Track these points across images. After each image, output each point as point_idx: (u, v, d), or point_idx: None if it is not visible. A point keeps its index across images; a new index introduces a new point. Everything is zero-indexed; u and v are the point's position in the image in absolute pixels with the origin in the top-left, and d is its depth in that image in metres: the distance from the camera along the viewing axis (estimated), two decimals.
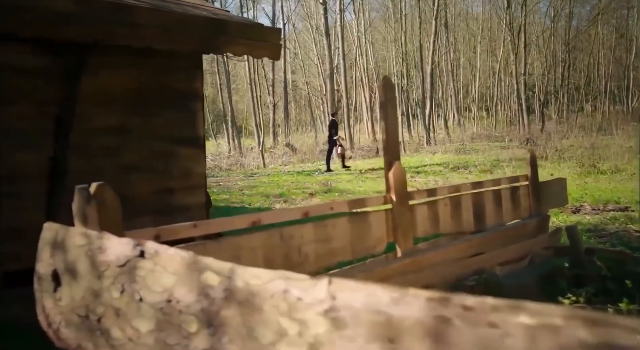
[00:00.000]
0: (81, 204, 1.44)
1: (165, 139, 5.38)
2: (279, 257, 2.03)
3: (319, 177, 14.26)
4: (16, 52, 4.46)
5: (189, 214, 5.61)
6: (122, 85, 5.07)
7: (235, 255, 1.89)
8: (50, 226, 1.40)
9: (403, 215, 2.56)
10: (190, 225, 1.73)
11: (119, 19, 4.34)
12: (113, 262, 1.11)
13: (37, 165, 4.60)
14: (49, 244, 1.36)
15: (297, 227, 2.17)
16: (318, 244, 2.20)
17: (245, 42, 5.13)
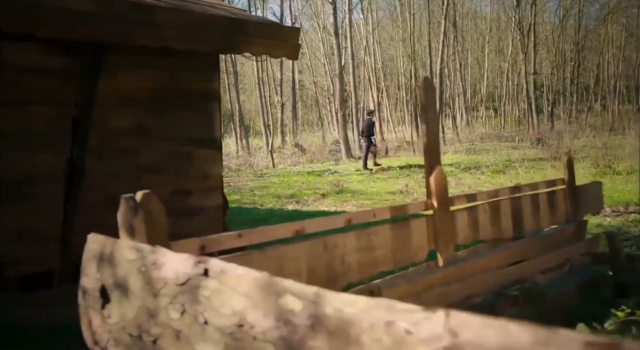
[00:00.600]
0: (128, 215, 1.37)
1: (183, 140, 5.32)
2: (322, 267, 1.96)
3: (330, 177, 14.17)
4: (33, 52, 4.40)
5: (207, 216, 5.55)
6: (139, 85, 5.01)
7: (279, 266, 1.81)
8: (95, 238, 1.32)
9: (444, 222, 2.47)
10: (235, 235, 1.65)
11: (138, 18, 4.27)
12: (171, 279, 1.03)
13: (55, 167, 4.54)
14: (95, 257, 1.29)
15: (340, 235, 2.08)
16: (361, 253, 2.12)
17: (264, 42, 5.06)
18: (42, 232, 4.46)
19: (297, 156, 20.97)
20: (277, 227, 1.85)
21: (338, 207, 9.65)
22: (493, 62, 40.82)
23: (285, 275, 1.94)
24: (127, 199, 1.38)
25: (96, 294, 1.24)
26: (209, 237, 1.57)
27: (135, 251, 1.16)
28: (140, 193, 1.40)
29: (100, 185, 4.78)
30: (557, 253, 2.91)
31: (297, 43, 5.33)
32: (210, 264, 0.96)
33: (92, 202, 4.70)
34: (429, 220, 2.46)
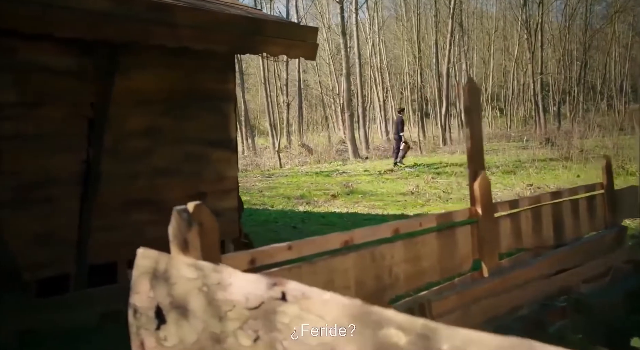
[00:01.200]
0: (181, 228, 1.27)
1: (198, 141, 5.23)
2: (370, 279, 1.87)
3: (338, 178, 14.08)
4: (49, 52, 4.32)
5: (222, 218, 5.45)
6: (154, 86, 4.93)
7: (329, 279, 1.72)
8: (146, 253, 1.23)
9: (489, 230, 2.38)
10: (284, 247, 1.57)
11: (157, 18, 4.19)
12: (240, 302, 0.94)
13: (70, 169, 4.47)
14: (147, 274, 1.20)
15: (388, 246, 2.00)
16: (408, 264, 2.03)
17: (282, 42, 4.97)
18: (58, 235, 4.39)
19: (304, 156, 20.89)
20: (326, 238, 1.77)
21: (349, 209, 9.56)
22: (498, 61, 40.65)
23: (334, 288, 1.86)
24: (180, 211, 1.29)
25: (150, 314, 1.15)
26: (259, 250, 1.48)
27: (194, 269, 1.07)
28: (191, 204, 1.31)
29: (116, 187, 4.70)
30: (600, 261, 2.81)
31: (315, 43, 5.24)
32: (288, 287, 0.87)
33: (107, 204, 4.62)
34: (473, 228, 2.37)
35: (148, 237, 4.98)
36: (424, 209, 9.01)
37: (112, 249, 4.69)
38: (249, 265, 1.46)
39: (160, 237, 5.16)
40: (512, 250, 2.61)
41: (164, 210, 5.08)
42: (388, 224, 2.07)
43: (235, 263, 1.38)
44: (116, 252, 4.72)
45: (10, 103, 4.14)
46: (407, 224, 2.14)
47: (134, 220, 4.85)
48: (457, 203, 9.44)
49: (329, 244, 1.75)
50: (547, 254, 2.61)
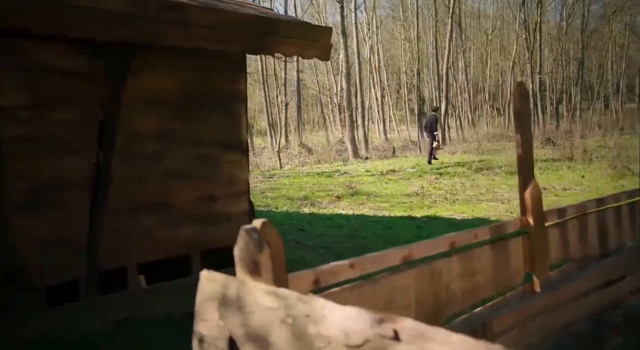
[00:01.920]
0: (250, 249, 1.17)
1: (209, 143, 5.12)
2: (429, 297, 1.76)
3: (340, 178, 13.98)
4: (59, 53, 4.20)
5: (233, 222, 5.34)
6: (165, 87, 4.81)
7: (389, 298, 1.62)
8: (212, 277, 1.13)
9: (540, 241, 2.28)
10: (347, 265, 1.47)
11: (171, 18, 4.07)
12: (337, 338, 0.83)
13: (81, 173, 4.35)
14: (214, 300, 1.09)
15: (445, 261, 1.89)
16: (464, 279, 1.93)
17: (296, 42, 4.86)
18: (68, 240, 4.28)
19: (304, 156, 20.78)
20: (385, 254, 1.67)
21: (355, 210, 9.46)
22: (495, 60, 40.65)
23: (395, 308, 1.77)
24: (249, 231, 1.18)
25: (220, 345, 1.05)
26: (322, 269, 1.37)
27: (274, 297, 0.96)
28: (259, 222, 1.20)
29: (126, 190, 4.59)
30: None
31: (329, 43, 5.14)
32: (403, 325, 0.77)
33: (118, 207, 4.51)
34: (525, 239, 2.26)
35: (159, 242, 4.90)
36: (432, 211, 8.92)
37: (122, 254, 4.58)
38: (314, 285, 1.36)
39: (171, 240, 5.09)
40: (560, 261, 2.51)
41: (176, 213, 4.99)
42: (444, 237, 1.97)
43: (300, 284, 1.28)
44: (126, 257, 4.61)
45: (20, 105, 4.02)
46: (463, 237, 2.03)
47: (145, 224, 4.74)
48: (464, 205, 9.35)
49: (388, 260, 1.65)
50: (596, 265, 2.51)
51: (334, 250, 6.58)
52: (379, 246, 6.83)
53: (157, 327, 4.35)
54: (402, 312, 1.60)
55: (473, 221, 7.93)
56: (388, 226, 7.72)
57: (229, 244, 5.09)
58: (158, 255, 4.85)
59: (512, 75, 35.14)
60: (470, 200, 9.77)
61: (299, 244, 6.86)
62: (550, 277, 2.31)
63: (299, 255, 6.41)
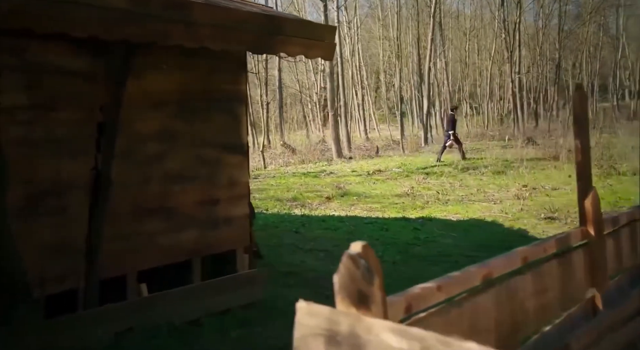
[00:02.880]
0: (356, 278, 1.04)
1: (211, 145, 4.98)
2: (507, 318, 1.66)
3: (327, 179, 13.86)
4: (59, 53, 4.02)
5: (234, 226, 5.21)
6: (166, 87, 4.66)
7: (473, 321, 1.51)
8: (313, 309, 1.01)
9: (601, 252, 2.19)
10: (434, 289, 1.36)
11: (174, 17, 3.92)
12: None
13: (79, 176, 4.17)
14: (319, 337, 0.98)
15: (519, 278, 1.78)
16: (536, 297, 1.83)
17: (301, 42, 4.74)
18: (68, 247, 4.10)
19: (287, 156, 20.62)
20: (467, 273, 1.55)
21: (347, 211, 9.36)
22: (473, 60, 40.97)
23: (478, 332, 1.66)
24: (355, 257, 1.05)
25: None
26: (412, 295, 1.25)
27: (405, 338, 0.85)
28: (358, 245, 1.08)
29: (126, 194, 4.43)
30: None
31: (333, 42, 5.02)
32: None
33: (117, 212, 4.34)
34: (586, 251, 2.17)
35: (160, 247, 4.73)
36: (425, 212, 8.86)
37: (122, 261, 4.42)
38: (405, 313, 1.24)
39: (172, 246, 4.92)
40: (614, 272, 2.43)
41: (177, 217, 4.82)
42: (516, 252, 1.86)
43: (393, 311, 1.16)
44: (126, 263, 4.45)
45: (19, 106, 3.83)
46: (533, 251, 1.93)
47: (145, 229, 4.58)
48: (457, 205, 9.32)
49: (471, 280, 1.54)
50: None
51: (333, 253, 6.47)
52: (377, 249, 6.76)
53: (160, 338, 4.20)
54: (485, 336, 1.50)
55: (469, 222, 7.90)
56: (384, 228, 7.64)
57: (230, 248, 4.97)
58: (159, 262, 4.69)
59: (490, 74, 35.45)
60: (462, 201, 9.74)
61: (298, 248, 6.74)
62: (609, 290, 2.22)
63: (299, 259, 6.29)
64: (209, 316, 4.50)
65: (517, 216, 8.06)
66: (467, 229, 7.29)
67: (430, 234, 7.05)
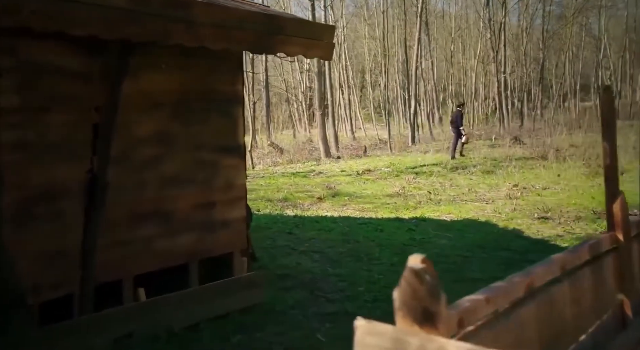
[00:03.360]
0: (421, 296, 0.98)
1: (207, 147, 4.90)
2: (548, 327, 1.61)
3: (317, 179, 13.80)
4: (53, 52, 3.91)
5: (231, 229, 5.14)
6: (162, 88, 4.57)
7: (519, 333, 1.46)
8: (374, 328, 0.94)
9: (630, 257, 2.15)
10: (482, 301, 1.30)
11: (174, 16, 3.83)
12: None
13: (75, 181, 4.06)
14: None
15: (557, 287, 1.74)
16: (573, 305, 1.78)
17: (301, 41, 4.68)
18: (62, 252, 3.99)
19: (275, 156, 20.52)
20: (511, 284, 1.50)
21: (339, 212, 9.30)
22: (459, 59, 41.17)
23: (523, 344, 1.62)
24: (419, 272, 0.99)
25: None
26: (463, 309, 1.19)
27: None
28: (418, 258, 1.01)
29: (123, 198, 4.33)
30: None
31: (332, 42, 4.97)
32: None
33: (113, 216, 4.24)
34: (614, 257, 2.13)
35: (157, 251, 4.64)
36: (418, 212, 8.84)
37: (118, 265, 4.32)
38: (458, 328, 1.18)
39: (169, 250, 4.83)
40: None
41: (174, 221, 4.73)
42: (554, 260, 1.82)
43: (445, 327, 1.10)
44: (123, 268, 4.35)
45: (11, 107, 3.71)
46: (570, 258, 1.88)
47: (142, 233, 4.48)
48: (449, 205, 9.31)
49: (515, 291, 1.49)
50: None
51: (328, 255, 6.42)
52: (373, 250, 6.73)
53: (160, 344, 4.11)
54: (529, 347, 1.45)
55: (463, 222, 7.89)
56: (378, 229, 7.60)
57: (227, 251, 4.88)
58: (156, 266, 4.60)
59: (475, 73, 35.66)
60: (454, 201, 9.74)
61: (292, 250, 6.67)
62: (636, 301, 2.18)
63: (294, 261, 6.22)
64: (208, 321, 4.43)
65: (510, 216, 8.07)
66: (462, 230, 7.28)
67: (426, 235, 7.02)
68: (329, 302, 4.94)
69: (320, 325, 4.44)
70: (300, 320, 4.58)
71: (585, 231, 7.01)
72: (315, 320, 4.56)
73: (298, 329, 4.39)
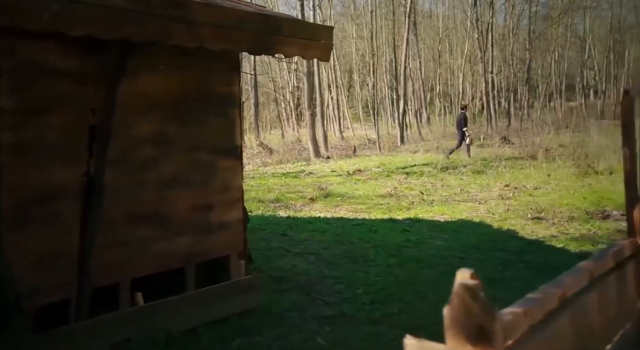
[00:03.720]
0: (474, 313, 0.95)
1: (204, 148, 4.85)
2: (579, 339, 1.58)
3: (308, 179, 13.76)
4: (50, 52, 3.83)
5: (228, 231, 5.09)
6: (160, 89, 4.51)
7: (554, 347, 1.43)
8: (423, 347, 0.91)
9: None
10: (521, 314, 1.27)
11: (174, 15, 3.77)
12: None
13: (70, 183, 3.99)
14: None
15: (585, 297, 1.70)
16: (600, 315, 1.76)
17: (299, 42, 4.63)
18: (57, 256, 3.92)
19: (264, 156, 20.44)
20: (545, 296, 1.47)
21: (332, 213, 9.27)
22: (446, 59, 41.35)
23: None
24: (473, 289, 0.95)
25: None
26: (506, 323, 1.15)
27: None
28: (466, 273, 0.98)
29: (119, 201, 4.26)
30: None
31: (330, 43, 4.93)
32: None
33: (110, 219, 4.18)
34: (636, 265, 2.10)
35: (155, 254, 4.57)
36: (411, 213, 8.84)
37: (115, 270, 4.25)
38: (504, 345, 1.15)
39: (167, 252, 4.77)
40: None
41: (172, 223, 4.67)
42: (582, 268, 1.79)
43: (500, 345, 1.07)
44: (120, 272, 4.29)
45: (6, 109, 3.64)
46: (596, 266, 1.85)
47: (139, 235, 4.42)
48: (442, 206, 9.32)
49: (550, 302, 1.46)
50: None
51: (323, 256, 6.38)
52: (368, 252, 6.70)
53: (159, 348, 4.05)
54: None
55: (457, 223, 7.89)
56: (372, 230, 7.58)
57: (224, 254, 4.83)
58: (153, 269, 4.54)
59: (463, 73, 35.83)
60: (446, 201, 9.76)
61: (287, 251, 6.63)
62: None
63: (290, 263, 6.18)
64: (207, 325, 4.37)
65: (504, 216, 8.09)
66: (456, 230, 7.29)
67: (421, 236, 7.01)
68: (326, 304, 4.91)
69: (319, 329, 4.41)
70: (299, 323, 4.54)
71: (579, 232, 7.04)
72: (314, 323, 4.52)
73: (297, 332, 4.36)
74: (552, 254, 5.92)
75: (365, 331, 4.25)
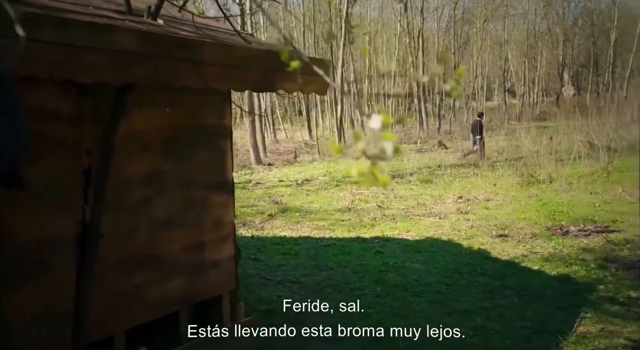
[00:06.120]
0: None
1: (197, 185, 4.65)
2: None
3: (257, 190, 13.55)
4: (43, 94, 3.51)
5: (220, 269, 4.90)
6: (154, 126, 4.27)
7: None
8: None
9: None
10: None
11: (184, 57, 3.55)
12: None
13: (64, 233, 3.70)
14: None
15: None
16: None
17: (299, 78, 4.50)
18: (51, 309, 3.63)
19: None
20: None
21: (295, 231, 9.17)
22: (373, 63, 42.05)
23: None
24: None
25: None
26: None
27: None
28: None
29: (113, 246, 4.00)
30: None
31: (328, 76, 4.82)
32: None
33: (104, 266, 3.91)
34: None
35: (149, 301, 4.31)
36: (377, 231, 8.88)
37: (109, 321, 3.99)
38: None
39: (161, 298, 4.53)
40: None
41: (165, 266, 4.45)
42: None
43: None
44: (115, 323, 4.03)
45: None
46: None
47: (133, 282, 4.17)
48: (406, 222, 9.43)
49: None
50: None
51: (305, 285, 6.29)
52: (350, 278, 6.63)
53: None
54: None
55: (427, 242, 8.01)
56: (345, 251, 7.56)
57: (216, 293, 4.65)
58: (148, 317, 4.30)
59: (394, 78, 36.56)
60: (407, 216, 9.89)
61: (266, 280, 6.48)
62: None
63: (274, 294, 6.04)
64: None
65: (469, 234, 8.29)
66: (429, 251, 7.39)
67: (397, 259, 7.06)
68: (326, 342, 4.83)
69: None
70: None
71: (547, 250, 7.33)
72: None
73: None
74: (532, 278, 6.12)
75: None
